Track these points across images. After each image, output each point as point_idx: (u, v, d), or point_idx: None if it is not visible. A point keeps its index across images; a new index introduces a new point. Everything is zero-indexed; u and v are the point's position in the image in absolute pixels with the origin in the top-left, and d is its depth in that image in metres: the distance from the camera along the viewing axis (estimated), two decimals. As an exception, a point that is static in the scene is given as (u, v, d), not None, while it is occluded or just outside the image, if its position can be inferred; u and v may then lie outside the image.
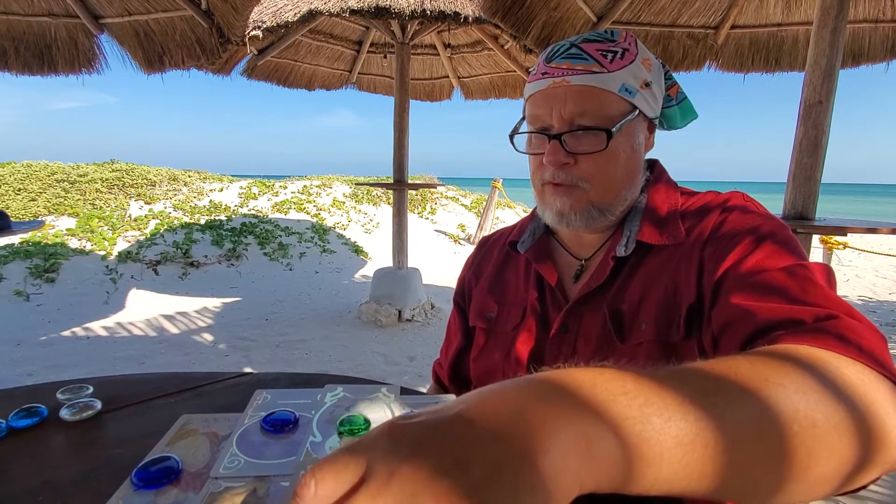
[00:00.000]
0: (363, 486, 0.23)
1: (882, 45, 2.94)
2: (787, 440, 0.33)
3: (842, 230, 1.92)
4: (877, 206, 35.43)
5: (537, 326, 0.76)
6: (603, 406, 0.29)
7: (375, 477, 0.23)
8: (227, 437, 0.54)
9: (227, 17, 2.75)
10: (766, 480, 0.33)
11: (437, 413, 0.26)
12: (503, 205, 9.93)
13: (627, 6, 2.99)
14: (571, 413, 0.27)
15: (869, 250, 4.92)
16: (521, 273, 0.83)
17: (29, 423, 0.57)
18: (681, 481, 0.30)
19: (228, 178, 9.48)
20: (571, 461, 0.25)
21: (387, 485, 0.23)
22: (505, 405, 0.27)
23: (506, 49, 4.54)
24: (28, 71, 3.09)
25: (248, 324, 4.05)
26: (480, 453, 0.24)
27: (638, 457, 0.28)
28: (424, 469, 0.23)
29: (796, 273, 0.54)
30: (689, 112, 0.79)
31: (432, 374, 1.00)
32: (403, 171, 4.22)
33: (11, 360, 3.21)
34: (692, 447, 0.30)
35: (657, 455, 0.29)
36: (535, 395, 0.28)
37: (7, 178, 6.84)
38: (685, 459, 0.30)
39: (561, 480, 0.25)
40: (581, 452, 0.26)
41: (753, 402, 0.34)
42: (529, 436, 0.25)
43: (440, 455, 0.23)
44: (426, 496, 0.22)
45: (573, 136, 0.67)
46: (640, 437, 0.28)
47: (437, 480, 0.22)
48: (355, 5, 3.27)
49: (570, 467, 0.25)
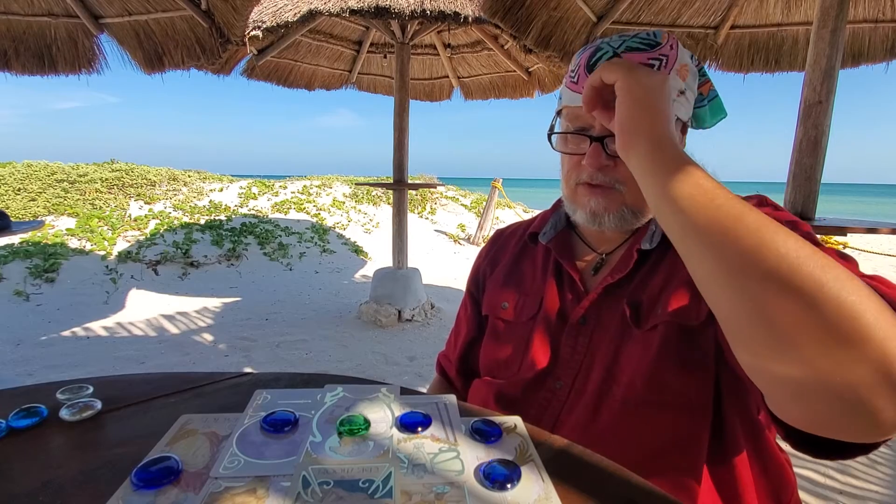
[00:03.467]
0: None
1: (882, 45, 2.93)
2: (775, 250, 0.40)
3: (842, 230, 1.92)
4: (877, 206, 35.42)
5: (554, 317, 0.76)
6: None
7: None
8: (227, 437, 0.54)
9: (227, 17, 2.76)
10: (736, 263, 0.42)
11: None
12: (503, 205, 9.93)
13: (627, 6, 2.99)
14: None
15: (869, 250, 4.93)
16: (538, 264, 0.83)
17: (29, 423, 0.57)
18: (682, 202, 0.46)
19: (228, 178, 9.48)
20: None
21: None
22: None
23: (506, 49, 4.54)
24: (28, 71, 3.09)
25: (248, 324, 4.05)
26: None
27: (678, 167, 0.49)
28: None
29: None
30: (718, 111, 0.78)
31: (436, 366, 0.99)
32: (403, 171, 4.22)
33: (11, 360, 3.21)
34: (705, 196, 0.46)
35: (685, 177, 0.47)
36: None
37: (7, 178, 6.84)
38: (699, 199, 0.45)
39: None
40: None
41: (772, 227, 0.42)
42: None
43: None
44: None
45: (615, 139, 0.67)
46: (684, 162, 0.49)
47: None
48: (355, 5, 3.27)
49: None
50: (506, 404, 0.76)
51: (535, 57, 3.31)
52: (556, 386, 0.73)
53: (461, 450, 0.52)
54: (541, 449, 0.53)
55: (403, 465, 0.49)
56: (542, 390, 0.73)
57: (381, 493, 0.44)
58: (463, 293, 0.96)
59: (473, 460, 0.50)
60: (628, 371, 0.67)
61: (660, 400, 0.64)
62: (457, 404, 0.61)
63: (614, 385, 0.68)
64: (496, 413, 0.61)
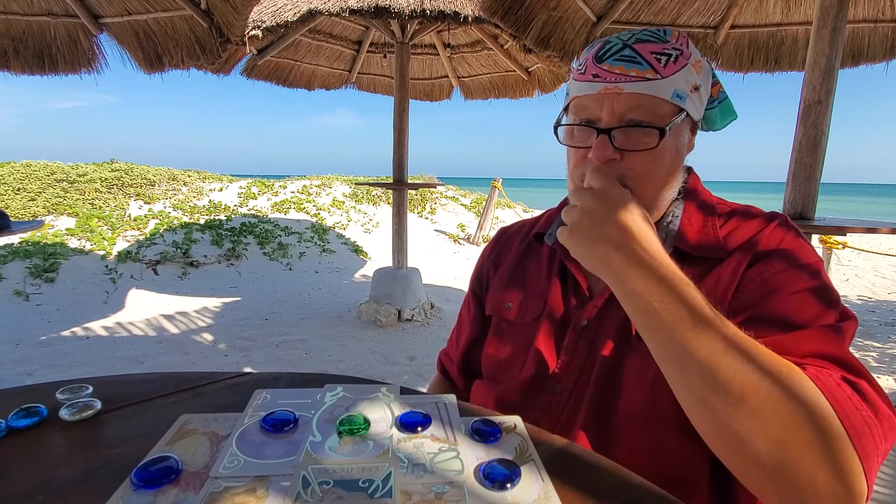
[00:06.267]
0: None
1: (882, 44, 2.93)
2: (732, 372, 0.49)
3: (841, 230, 1.92)
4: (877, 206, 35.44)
5: (557, 320, 0.75)
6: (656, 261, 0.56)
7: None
8: (226, 437, 0.54)
9: (226, 16, 2.75)
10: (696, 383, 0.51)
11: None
12: (503, 204, 9.93)
13: (627, 6, 2.99)
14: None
15: (868, 250, 4.93)
16: (543, 264, 0.82)
17: (28, 422, 0.57)
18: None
19: (228, 177, 9.48)
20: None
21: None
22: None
23: (505, 49, 4.54)
24: (28, 70, 3.09)
25: (248, 324, 4.05)
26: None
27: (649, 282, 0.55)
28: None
29: (829, 335, 0.57)
30: (728, 112, 0.76)
31: (438, 364, 0.98)
32: (403, 170, 4.22)
33: (11, 360, 3.20)
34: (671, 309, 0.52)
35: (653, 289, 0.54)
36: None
37: (7, 177, 6.83)
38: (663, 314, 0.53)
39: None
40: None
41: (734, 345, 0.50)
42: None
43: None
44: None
45: (623, 132, 0.64)
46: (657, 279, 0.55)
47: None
48: (355, 5, 3.27)
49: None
50: (506, 406, 0.75)
51: (534, 57, 3.31)
52: (556, 390, 0.72)
53: (461, 449, 0.52)
54: (540, 449, 0.53)
55: (403, 464, 0.49)
56: (542, 394, 0.73)
57: (381, 492, 0.44)
58: (463, 293, 0.96)
59: (473, 460, 0.50)
60: (628, 383, 0.66)
61: (658, 418, 0.63)
62: (457, 404, 0.61)
63: (613, 395, 0.67)
64: (496, 413, 0.61)
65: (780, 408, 0.47)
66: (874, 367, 3.29)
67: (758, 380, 0.48)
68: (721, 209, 0.73)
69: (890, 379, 3.09)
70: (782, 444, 0.46)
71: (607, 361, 0.68)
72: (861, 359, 3.40)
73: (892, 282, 5.97)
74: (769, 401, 0.47)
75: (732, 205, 0.74)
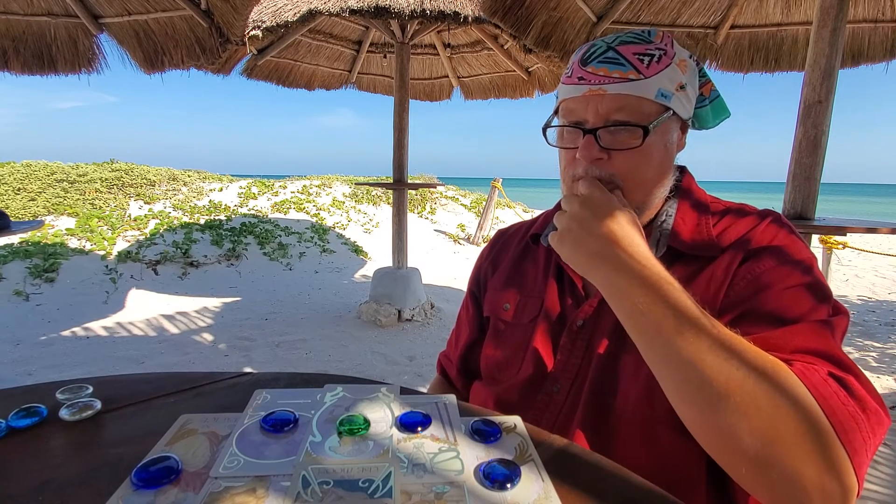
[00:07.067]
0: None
1: (882, 44, 2.94)
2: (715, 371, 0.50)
3: (841, 230, 1.92)
4: (877, 206, 35.44)
5: (554, 320, 0.76)
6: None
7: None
8: (226, 437, 0.54)
9: (226, 16, 2.75)
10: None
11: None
12: (503, 205, 9.93)
13: (627, 6, 2.99)
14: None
15: (868, 250, 4.93)
16: (539, 265, 0.83)
17: (28, 422, 0.57)
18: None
19: (228, 177, 9.48)
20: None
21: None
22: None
23: (505, 49, 4.54)
24: (28, 70, 3.09)
25: (248, 324, 4.05)
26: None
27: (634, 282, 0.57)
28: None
29: (820, 330, 0.57)
30: (721, 111, 0.77)
31: (437, 365, 0.98)
32: (403, 170, 4.22)
33: (11, 360, 3.20)
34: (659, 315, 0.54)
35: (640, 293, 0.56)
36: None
37: (7, 177, 6.83)
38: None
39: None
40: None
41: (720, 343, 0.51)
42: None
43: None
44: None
45: (608, 131, 0.66)
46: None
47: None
48: (355, 5, 3.27)
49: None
50: (505, 407, 0.75)
51: (534, 57, 3.31)
52: (553, 390, 0.72)
53: (461, 449, 0.52)
54: (540, 449, 0.53)
55: (403, 464, 0.49)
56: (540, 394, 0.73)
57: (381, 492, 0.44)
58: (463, 293, 0.96)
59: (473, 460, 0.50)
60: (623, 382, 0.67)
61: (654, 415, 0.64)
62: (457, 404, 0.61)
63: (609, 394, 0.67)
64: (496, 413, 0.61)
65: (764, 403, 0.47)
66: (874, 367, 3.29)
67: (742, 376, 0.49)
68: (715, 208, 0.74)
69: (890, 379, 3.09)
70: (768, 439, 0.47)
71: (603, 360, 0.69)
72: (861, 359, 3.41)
73: (892, 282, 5.97)
74: (753, 397, 0.48)
75: (726, 203, 0.75)
